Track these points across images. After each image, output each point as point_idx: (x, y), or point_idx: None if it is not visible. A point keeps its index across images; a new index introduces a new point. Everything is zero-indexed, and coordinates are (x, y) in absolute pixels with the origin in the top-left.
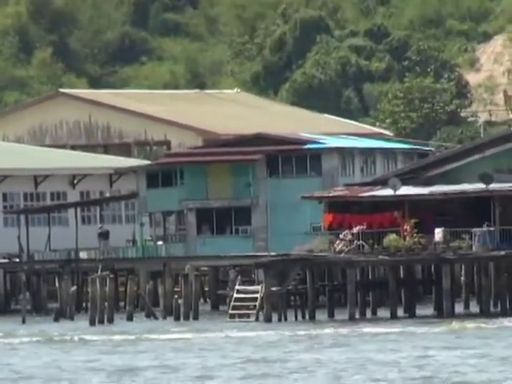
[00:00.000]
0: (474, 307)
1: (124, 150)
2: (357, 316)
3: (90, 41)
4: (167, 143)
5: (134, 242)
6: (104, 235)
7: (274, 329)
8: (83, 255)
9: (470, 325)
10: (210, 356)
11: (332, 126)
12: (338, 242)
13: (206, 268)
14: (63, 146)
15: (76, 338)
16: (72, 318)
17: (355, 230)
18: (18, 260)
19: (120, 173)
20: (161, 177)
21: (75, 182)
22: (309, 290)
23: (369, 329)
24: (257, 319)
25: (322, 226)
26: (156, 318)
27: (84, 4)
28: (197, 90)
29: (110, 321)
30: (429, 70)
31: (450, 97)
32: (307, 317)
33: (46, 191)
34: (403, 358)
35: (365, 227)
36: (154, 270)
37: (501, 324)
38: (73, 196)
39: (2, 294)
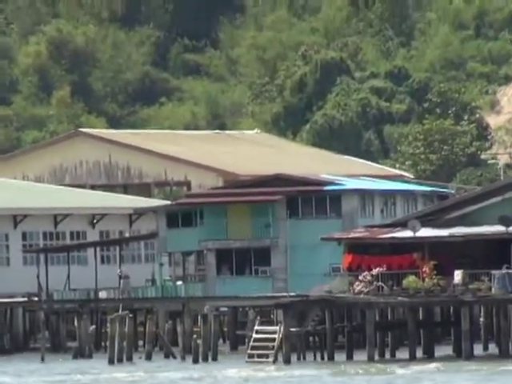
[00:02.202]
0: (493, 349)
1: (144, 190)
2: (376, 357)
3: (110, 81)
4: (187, 184)
5: (153, 281)
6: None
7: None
8: (102, 295)
9: None
10: None
11: (352, 168)
12: (357, 283)
13: (225, 308)
14: (83, 186)
15: None
16: (91, 357)
17: (374, 271)
18: (37, 299)
19: (140, 213)
20: (181, 217)
21: (95, 221)
22: (328, 331)
23: None
24: (275, 360)
25: (341, 267)
26: (174, 357)
27: (104, 44)
28: (217, 131)
29: (129, 360)
30: (449, 112)
31: (470, 139)
32: (326, 357)
33: (65, 230)
34: None
35: (384, 268)
36: (173, 310)
37: None
38: (92, 235)
39: (21, 333)
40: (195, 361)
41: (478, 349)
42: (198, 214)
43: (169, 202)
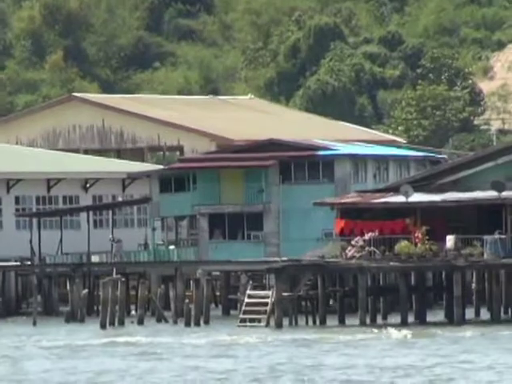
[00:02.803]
0: (485, 314)
1: (137, 154)
2: (367, 322)
3: (104, 45)
4: (180, 148)
5: (145, 246)
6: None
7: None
8: (95, 259)
9: None
10: None
11: (345, 133)
12: (349, 248)
13: (217, 273)
14: (76, 150)
15: None
16: (83, 321)
17: (367, 236)
18: (29, 263)
19: (133, 177)
20: (173, 182)
21: (88, 185)
22: (320, 296)
23: None
24: (267, 324)
25: (333, 232)
26: (167, 321)
27: (98, 8)
28: (210, 96)
29: (121, 324)
30: (442, 77)
31: (463, 105)
32: (318, 322)
33: (58, 195)
34: None
35: (376, 233)
36: (166, 274)
37: None
38: (85, 200)
39: (13, 297)
40: (187, 325)
41: (469, 314)
42: (191, 179)
43: (162, 167)
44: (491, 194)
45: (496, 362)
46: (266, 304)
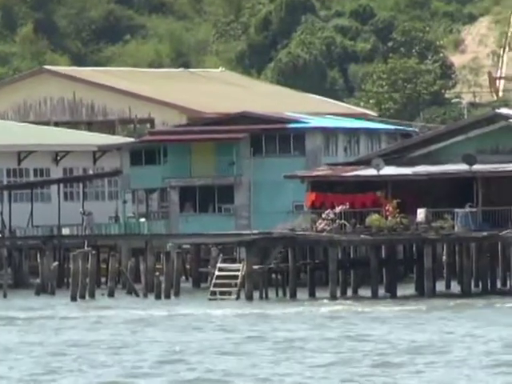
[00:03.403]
0: (455, 287)
1: (108, 127)
2: (338, 295)
3: (75, 18)
4: (151, 121)
5: (116, 218)
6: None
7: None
8: (65, 231)
9: None
10: None
11: (316, 106)
12: (320, 221)
13: (187, 246)
14: (47, 123)
15: None
16: (53, 294)
17: (337, 209)
18: (0, 236)
19: (103, 150)
20: (144, 154)
21: (58, 158)
22: (290, 269)
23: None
24: (238, 297)
25: (304, 204)
26: (137, 294)
27: None
28: (181, 69)
29: (91, 296)
30: (413, 51)
31: (434, 78)
32: (288, 295)
33: (29, 167)
34: None
35: (347, 207)
36: (136, 247)
37: None
38: (56, 172)
39: None
40: (157, 297)
41: (440, 287)
42: (162, 152)
43: (132, 140)
44: (462, 167)
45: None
46: (236, 277)
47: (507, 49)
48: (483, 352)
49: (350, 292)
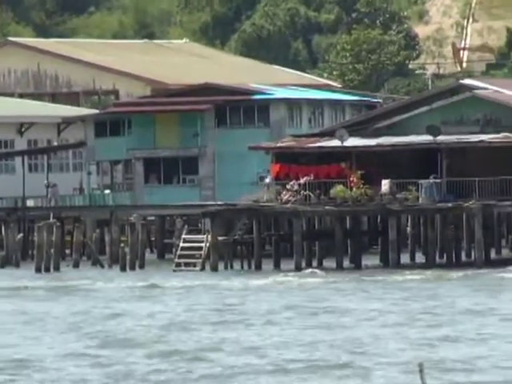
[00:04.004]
0: (420, 258)
1: (72, 99)
2: (303, 266)
3: None
4: (115, 93)
5: (81, 190)
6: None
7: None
8: (30, 203)
9: None
10: None
11: (280, 77)
12: (284, 192)
13: (152, 217)
14: (11, 94)
15: None
16: (18, 266)
17: (302, 180)
18: None
19: (68, 122)
20: (109, 126)
21: (23, 130)
22: (255, 240)
23: None
24: (203, 268)
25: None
26: (102, 266)
27: None
28: (146, 40)
29: (56, 268)
30: (377, 22)
31: (398, 49)
32: (253, 266)
33: None
34: None
35: (312, 178)
36: (101, 219)
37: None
38: (20, 144)
39: None
40: (122, 269)
41: (404, 258)
42: (126, 123)
43: (97, 111)
44: (426, 138)
45: None
46: (201, 248)
47: (471, 20)
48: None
49: (315, 263)
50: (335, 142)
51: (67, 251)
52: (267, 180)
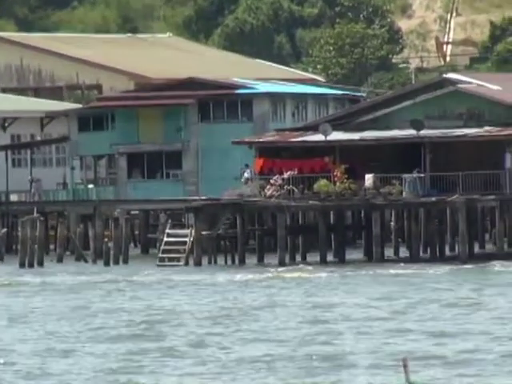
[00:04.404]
0: (404, 253)
1: (55, 93)
2: (286, 260)
3: None
4: (99, 87)
5: (64, 185)
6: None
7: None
8: (13, 198)
9: None
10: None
11: (264, 72)
12: (268, 186)
13: (136, 212)
14: None
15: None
16: (2, 260)
17: (286, 175)
18: None
19: (51, 116)
20: (92, 121)
21: (6, 125)
22: (239, 235)
23: None
24: (186, 263)
25: (252, 170)
26: (86, 261)
27: None
28: (129, 34)
29: (40, 263)
30: (361, 16)
31: (381, 43)
32: (237, 261)
33: None
34: None
35: (295, 172)
36: (85, 214)
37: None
38: (3, 139)
39: None
40: (106, 264)
41: (388, 252)
42: (110, 118)
43: (80, 106)
44: (410, 132)
45: None
46: (184, 243)
47: (454, 14)
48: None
49: (298, 258)
50: (319, 137)
51: (51, 246)
52: (246, 175)
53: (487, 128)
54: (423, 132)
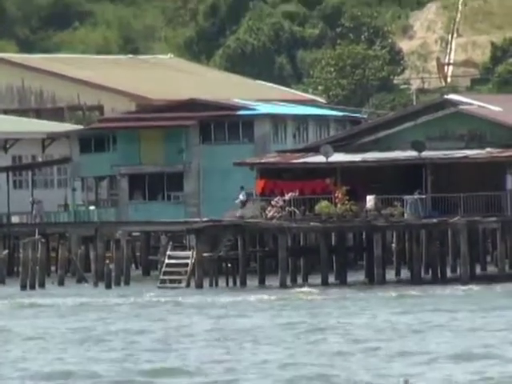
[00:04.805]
0: (405, 274)
1: (57, 114)
2: (288, 282)
3: (23, 5)
4: (100, 108)
5: (65, 206)
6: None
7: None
8: (15, 219)
9: None
10: None
11: (265, 93)
12: (269, 208)
13: (137, 233)
14: None
15: None
16: (3, 282)
17: (287, 196)
18: None
19: (53, 137)
20: (93, 142)
21: (7, 146)
22: (240, 256)
23: None
24: (188, 285)
25: (254, 192)
26: (87, 282)
27: None
28: (130, 56)
29: (41, 285)
30: (362, 36)
31: (382, 63)
32: (238, 283)
33: None
34: None
35: (297, 194)
36: (86, 235)
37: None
38: (5, 160)
39: None
40: (108, 286)
41: (390, 274)
42: (111, 139)
43: (82, 127)
44: (411, 153)
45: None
46: (186, 265)
47: (455, 35)
48: None
49: (300, 279)
50: (320, 158)
51: (52, 268)
52: (241, 197)
53: (489, 149)
54: (424, 153)
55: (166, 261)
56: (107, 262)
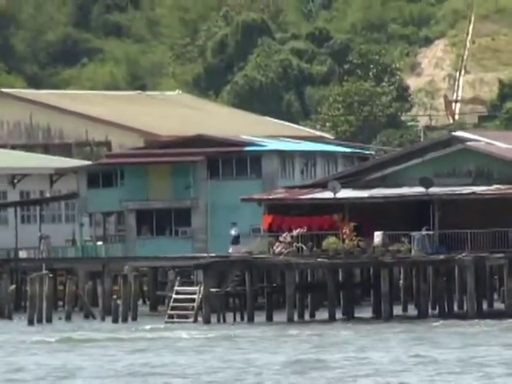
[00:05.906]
0: (412, 310)
1: (65, 150)
2: (295, 318)
3: (32, 41)
4: (108, 144)
5: (73, 242)
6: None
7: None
8: (22, 254)
9: None
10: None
11: (273, 129)
12: (277, 244)
13: (145, 268)
14: (3, 146)
15: None
16: (10, 318)
17: (295, 232)
18: None
19: (60, 173)
20: (101, 177)
21: (15, 181)
22: (247, 292)
23: None
24: (195, 320)
25: (261, 227)
26: (94, 318)
27: (26, 4)
28: (138, 91)
29: (49, 320)
30: (370, 73)
31: (390, 100)
32: (245, 318)
33: None
34: None
35: (304, 230)
36: (93, 271)
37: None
38: (13, 195)
39: None
40: (115, 321)
41: (397, 310)
42: (119, 175)
43: (89, 162)
44: (419, 190)
45: None
46: (193, 300)
47: (463, 72)
48: None
49: (307, 315)
50: (328, 194)
51: (60, 303)
52: (233, 232)
53: (496, 186)
54: (432, 190)
55: (174, 296)
56: (115, 297)
